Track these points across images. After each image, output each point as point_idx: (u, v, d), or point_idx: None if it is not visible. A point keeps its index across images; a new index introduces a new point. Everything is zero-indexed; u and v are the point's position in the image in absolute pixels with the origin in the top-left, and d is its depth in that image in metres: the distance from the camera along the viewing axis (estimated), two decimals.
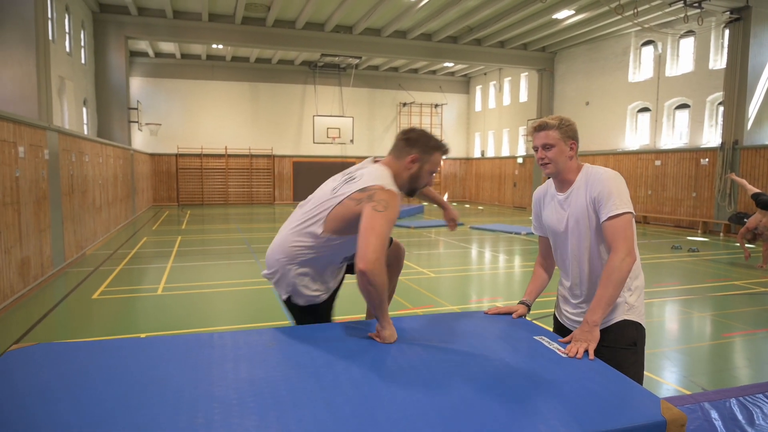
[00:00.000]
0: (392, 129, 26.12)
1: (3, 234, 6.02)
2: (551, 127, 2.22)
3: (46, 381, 1.59)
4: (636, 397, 1.60)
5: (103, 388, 1.55)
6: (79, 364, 1.72)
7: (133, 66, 21.22)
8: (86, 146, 10.35)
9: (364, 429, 1.37)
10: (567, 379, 1.71)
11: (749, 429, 2.70)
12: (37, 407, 1.41)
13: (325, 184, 2.32)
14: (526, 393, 1.60)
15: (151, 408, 1.43)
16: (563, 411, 1.49)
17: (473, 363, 1.81)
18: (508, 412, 1.48)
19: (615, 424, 1.44)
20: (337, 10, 16.16)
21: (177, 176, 22.80)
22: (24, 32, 8.17)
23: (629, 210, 2.08)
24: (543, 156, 2.24)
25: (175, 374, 1.65)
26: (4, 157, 6.12)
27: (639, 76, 17.63)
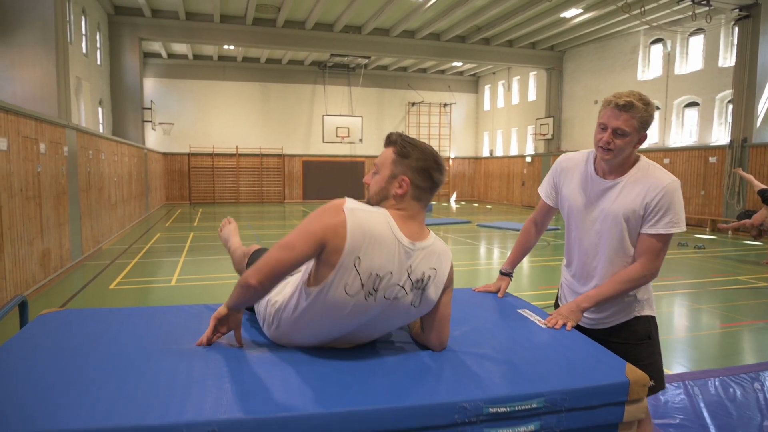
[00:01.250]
0: (401, 128, 26.27)
1: (26, 226, 6.29)
2: (637, 111, 1.89)
3: (75, 339, 1.78)
4: (603, 361, 1.76)
5: (126, 344, 1.74)
6: (104, 325, 1.92)
7: (146, 67, 21.59)
8: (102, 144, 10.64)
9: (361, 379, 1.56)
10: (541, 345, 1.88)
11: (729, 404, 2.85)
12: (66, 361, 1.60)
13: None
14: (502, 356, 1.77)
15: (169, 360, 1.62)
16: (534, 371, 1.66)
17: (456, 331, 1.97)
18: (484, 372, 1.65)
19: (581, 383, 1.60)
20: (346, 11, 16.37)
21: (189, 175, 23.16)
22: (44, 34, 8.45)
23: (684, 229, 2.00)
24: (610, 141, 1.92)
25: (189, 334, 1.83)
26: (27, 153, 6.39)
27: (648, 74, 17.64)
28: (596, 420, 1.63)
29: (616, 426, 1.67)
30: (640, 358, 2.03)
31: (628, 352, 2.03)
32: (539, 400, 1.55)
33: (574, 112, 20.82)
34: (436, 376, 1.64)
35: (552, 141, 21.33)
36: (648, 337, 2.13)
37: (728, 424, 2.57)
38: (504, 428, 1.53)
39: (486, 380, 1.60)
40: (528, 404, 1.54)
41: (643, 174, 1.99)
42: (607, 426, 1.66)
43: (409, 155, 1.67)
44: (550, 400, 1.56)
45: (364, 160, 25.67)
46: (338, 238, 1.57)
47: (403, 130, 26.10)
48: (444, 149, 26.88)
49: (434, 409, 1.46)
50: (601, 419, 1.63)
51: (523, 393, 1.55)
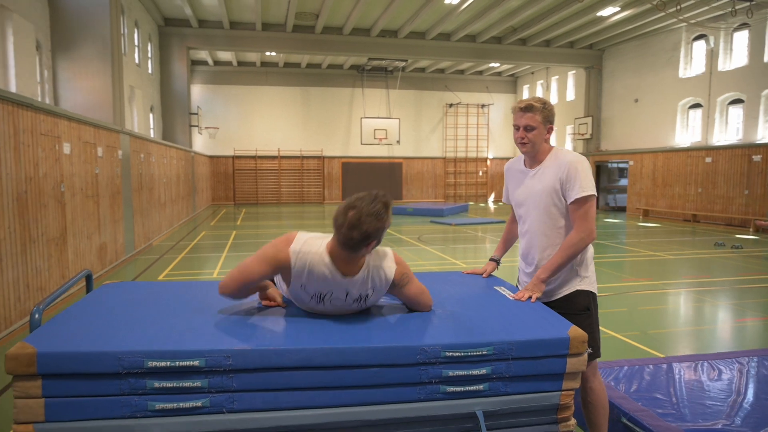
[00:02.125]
0: (438, 130, 26.53)
1: (85, 222, 7.00)
2: (536, 110, 2.39)
3: (130, 297, 2.25)
4: (551, 321, 2.08)
5: (168, 300, 2.19)
6: (153, 290, 2.39)
7: (194, 74, 22.71)
8: (153, 148, 11.45)
9: (343, 328, 1.94)
10: (501, 310, 2.22)
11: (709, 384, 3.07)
12: (123, 310, 2.06)
13: None
14: (464, 316, 2.14)
15: (199, 311, 2.05)
16: (488, 327, 2.01)
17: (440, 299, 2.33)
18: (446, 326, 2.02)
19: (527, 337, 1.94)
20: (382, 16, 16.81)
21: (233, 177, 24.17)
22: (101, 48, 9.26)
23: (593, 193, 2.33)
24: (524, 136, 2.41)
25: (213, 296, 2.25)
26: (87, 156, 7.10)
27: (690, 71, 17.25)
28: (541, 369, 1.96)
29: (561, 376, 1.99)
30: (580, 327, 2.30)
31: (570, 322, 2.30)
32: (489, 348, 1.89)
33: (613, 111, 20.54)
34: (405, 327, 2.01)
35: (591, 140, 21.10)
36: (587, 309, 2.44)
37: (701, 404, 2.80)
38: (460, 370, 1.89)
39: (446, 331, 1.96)
40: (479, 351, 1.88)
41: (554, 158, 2.43)
42: (553, 375, 1.99)
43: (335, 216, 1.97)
44: (498, 348, 1.90)
45: (402, 161, 26.06)
46: (286, 271, 2.03)
47: (440, 132, 26.40)
48: (482, 150, 26.94)
49: (399, 350, 1.83)
50: (545, 368, 1.96)
51: (475, 342, 1.89)
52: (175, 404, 1.70)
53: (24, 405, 1.63)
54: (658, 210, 17.83)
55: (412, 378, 1.86)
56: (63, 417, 1.65)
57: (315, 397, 1.81)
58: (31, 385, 1.63)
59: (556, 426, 2.04)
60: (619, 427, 2.66)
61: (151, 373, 1.68)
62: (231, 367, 1.73)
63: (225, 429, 1.74)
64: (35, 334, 1.77)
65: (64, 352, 1.65)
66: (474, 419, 1.93)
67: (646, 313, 5.71)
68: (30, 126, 5.43)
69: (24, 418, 1.63)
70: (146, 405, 1.69)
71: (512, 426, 2.00)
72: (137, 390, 1.68)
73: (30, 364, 1.61)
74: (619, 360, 3.46)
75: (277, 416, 1.78)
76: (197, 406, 1.72)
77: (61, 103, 9.27)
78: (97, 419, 1.67)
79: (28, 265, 5.27)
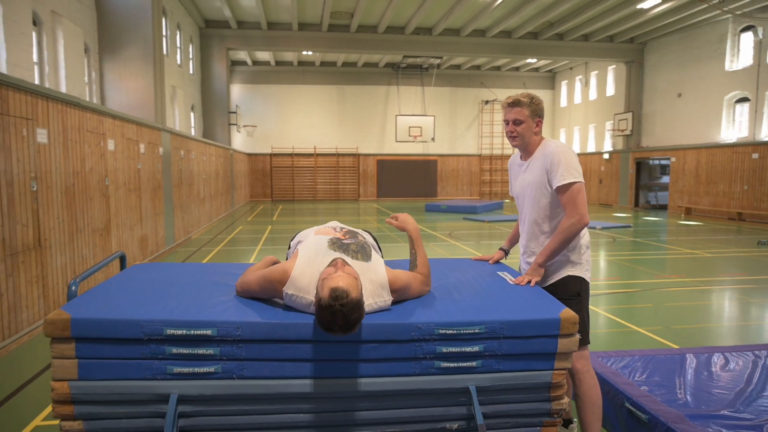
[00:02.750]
0: (474, 127, 26.39)
1: (128, 214, 7.41)
2: (524, 105, 2.51)
3: (157, 275, 2.47)
4: (544, 303, 2.17)
5: (191, 278, 2.39)
6: (179, 270, 2.61)
7: (233, 74, 23.36)
8: (192, 145, 11.92)
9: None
10: (498, 292, 2.32)
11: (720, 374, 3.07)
12: (151, 284, 2.27)
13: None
14: (461, 297, 2.26)
15: (217, 288, 2.23)
16: (482, 307, 2.12)
17: (443, 283, 2.45)
18: (441, 305, 2.14)
19: (518, 317, 2.04)
20: (416, 13, 16.88)
21: (271, 174, 24.74)
22: (144, 50, 9.72)
23: (577, 180, 2.39)
24: (513, 130, 2.54)
25: (231, 276, 2.44)
26: (130, 153, 7.51)
27: (737, 64, 16.59)
28: (533, 348, 2.06)
29: (553, 355, 2.08)
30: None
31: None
32: (481, 327, 2.00)
33: (655, 106, 19.95)
34: (403, 306, 2.14)
35: (631, 137, 20.57)
36: (578, 295, 2.52)
37: (707, 392, 2.81)
38: (453, 347, 2.01)
39: (440, 310, 2.08)
40: (471, 329, 2.00)
41: (542, 150, 2.54)
42: (545, 355, 2.08)
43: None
44: (490, 327, 2.01)
45: (437, 158, 26.05)
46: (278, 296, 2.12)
47: (476, 129, 26.24)
48: None
49: (395, 327, 1.97)
50: (537, 348, 2.06)
51: (468, 320, 2.01)
52: (190, 369, 1.89)
53: (60, 364, 1.85)
54: (701, 208, 17.24)
55: (408, 353, 1.99)
56: (93, 376, 1.86)
57: (317, 368, 1.97)
58: (66, 347, 1.85)
59: (548, 404, 2.13)
60: (623, 412, 2.71)
61: (170, 340, 1.88)
62: (240, 337, 1.90)
63: (235, 393, 1.92)
64: (71, 303, 1.99)
65: (94, 318, 1.86)
66: (468, 394, 2.05)
67: (673, 309, 5.63)
68: (77, 123, 5.82)
69: (60, 376, 1.85)
70: (165, 368, 1.88)
71: (507, 402, 2.10)
72: (157, 355, 1.88)
73: (65, 329, 1.83)
74: (632, 350, 3.48)
75: (283, 384, 1.95)
76: (210, 371, 1.90)
77: (107, 103, 9.79)
78: (122, 380, 1.88)
79: (75, 252, 5.66)
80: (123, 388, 1.87)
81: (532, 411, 2.13)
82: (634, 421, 2.63)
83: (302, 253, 2.13)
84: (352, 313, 1.81)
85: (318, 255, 2.10)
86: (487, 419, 2.07)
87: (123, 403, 1.88)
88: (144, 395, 1.88)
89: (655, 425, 2.46)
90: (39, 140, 4.97)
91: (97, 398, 1.87)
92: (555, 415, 2.16)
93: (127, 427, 1.90)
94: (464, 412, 2.07)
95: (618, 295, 6.31)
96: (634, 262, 8.51)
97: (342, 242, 2.19)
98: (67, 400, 1.86)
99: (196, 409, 1.92)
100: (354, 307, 1.81)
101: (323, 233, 2.27)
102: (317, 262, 2.07)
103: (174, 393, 1.88)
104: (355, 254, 2.13)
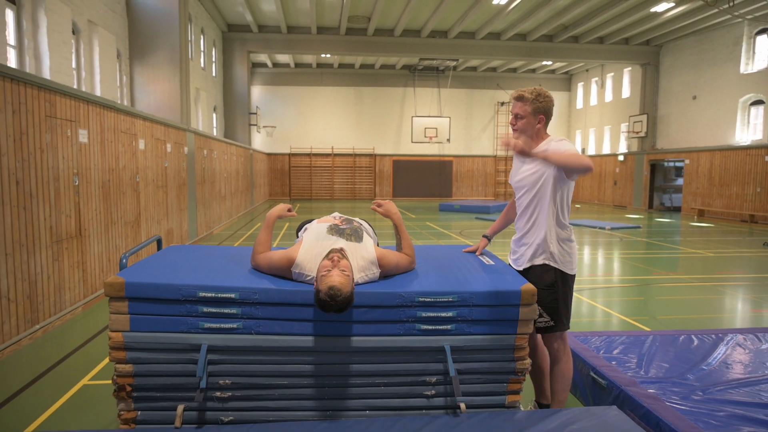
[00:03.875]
0: (489, 128, 26.66)
1: (156, 209, 7.97)
2: (526, 100, 2.61)
3: (190, 254, 2.94)
4: (509, 279, 2.59)
5: (218, 256, 2.86)
6: (208, 250, 3.07)
7: (254, 76, 24.03)
8: (214, 145, 12.50)
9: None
10: (472, 269, 2.74)
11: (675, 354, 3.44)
12: (185, 260, 2.74)
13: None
14: (439, 272, 2.69)
15: (239, 264, 2.70)
16: (456, 280, 2.55)
17: (432, 262, 2.88)
18: (421, 279, 2.56)
19: (486, 288, 2.46)
20: (432, 17, 17.28)
21: (289, 173, 25.37)
22: (171, 55, 10.32)
23: (574, 149, 2.54)
24: (514, 123, 2.70)
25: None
26: (158, 152, 8.08)
27: (752, 66, 16.64)
28: (499, 315, 2.48)
29: (516, 322, 2.50)
30: (544, 300, 2.68)
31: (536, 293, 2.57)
32: (454, 296, 2.43)
33: (670, 109, 20.03)
34: (391, 279, 2.57)
35: (646, 139, 20.66)
36: (552, 286, 2.69)
37: (664, 366, 3.18)
38: (431, 312, 2.44)
39: (422, 282, 2.52)
40: (446, 298, 2.43)
41: (548, 145, 2.67)
42: (509, 321, 2.50)
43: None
44: (461, 296, 2.43)
45: (452, 159, 26.40)
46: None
47: (491, 130, 26.52)
48: None
49: (382, 295, 2.41)
50: (502, 315, 2.48)
51: (444, 290, 2.44)
52: (217, 325, 2.36)
53: (116, 319, 2.33)
54: (714, 210, 17.31)
55: (393, 317, 2.43)
56: (141, 328, 2.34)
57: (318, 327, 2.42)
58: (121, 305, 2.33)
59: (513, 363, 2.55)
60: (589, 381, 3.11)
61: (202, 301, 2.34)
62: (258, 300, 2.36)
63: (252, 345, 2.38)
64: (123, 272, 2.47)
65: (143, 282, 2.34)
66: (443, 353, 2.47)
67: (663, 302, 5.96)
68: (113, 125, 6.37)
69: (116, 328, 2.33)
70: (198, 324, 2.35)
71: (477, 361, 2.53)
72: (192, 313, 2.35)
73: (121, 290, 2.31)
74: (607, 331, 3.86)
75: (291, 339, 2.40)
76: (233, 327, 2.37)
77: (136, 105, 10.41)
78: (164, 332, 2.35)
79: (109, 242, 6.22)
80: (164, 339, 2.35)
81: (499, 369, 2.55)
82: (597, 387, 3.02)
83: (306, 240, 2.57)
84: (344, 304, 2.22)
85: (318, 239, 2.53)
86: (460, 375, 2.50)
87: (164, 351, 2.36)
88: (181, 345, 2.35)
89: (612, 389, 2.85)
90: (80, 140, 5.52)
91: (144, 346, 2.35)
92: (519, 374, 2.57)
93: (167, 371, 2.37)
94: (440, 368, 2.50)
95: (613, 289, 6.65)
96: (635, 260, 8.80)
97: (339, 227, 2.61)
98: (121, 347, 2.34)
99: (222, 357, 2.39)
100: (345, 300, 2.22)
101: (324, 221, 2.71)
102: (318, 245, 2.50)
103: (204, 343, 2.34)
104: (349, 237, 2.56)
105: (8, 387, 3.57)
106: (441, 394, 2.52)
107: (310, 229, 2.67)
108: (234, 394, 2.42)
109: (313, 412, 2.47)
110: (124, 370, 2.35)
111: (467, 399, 2.53)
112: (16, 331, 4.35)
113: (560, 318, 2.75)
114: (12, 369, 3.93)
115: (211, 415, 2.43)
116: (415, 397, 2.52)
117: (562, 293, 2.73)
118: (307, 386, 2.46)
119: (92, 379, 3.72)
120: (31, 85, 4.63)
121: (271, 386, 2.44)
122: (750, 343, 3.51)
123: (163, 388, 2.39)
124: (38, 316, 4.68)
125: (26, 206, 4.52)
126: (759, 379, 2.87)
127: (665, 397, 2.66)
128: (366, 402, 2.50)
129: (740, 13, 13.75)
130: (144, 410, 2.41)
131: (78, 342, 4.54)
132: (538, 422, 2.36)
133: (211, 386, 2.40)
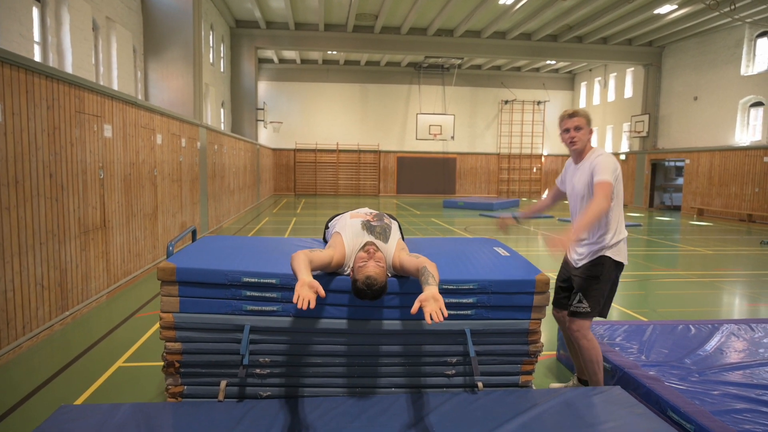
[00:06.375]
0: (493, 126, 26.86)
1: (171, 202, 8.20)
2: (581, 115, 3.04)
3: (223, 243, 3.17)
4: (525, 268, 2.82)
5: (251, 245, 3.09)
6: (240, 241, 3.30)
7: (261, 72, 24.22)
8: (224, 140, 12.72)
9: None
10: (496, 263, 2.96)
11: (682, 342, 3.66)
12: (220, 248, 2.97)
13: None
14: (461, 263, 2.90)
15: (270, 253, 2.92)
16: (476, 270, 2.78)
17: (452, 253, 3.11)
18: (445, 269, 2.77)
19: (503, 277, 2.69)
20: (438, 16, 17.47)
21: (295, 168, 25.59)
22: (185, 52, 10.54)
23: (606, 179, 2.83)
24: (574, 135, 3.01)
25: (283, 246, 3.13)
26: (173, 146, 8.30)
27: (753, 68, 16.84)
28: (515, 302, 2.71)
29: (530, 308, 2.73)
30: (588, 290, 2.96)
31: (581, 284, 2.99)
32: (474, 284, 2.66)
33: (671, 109, 20.23)
34: None
35: (647, 138, 20.87)
36: (597, 277, 2.96)
37: (661, 351, 3.42)
38: (452, 299, 2.67)
39: (444, 271, 2.74)
40: (467, 285, 2.66)
41: (591, 155, 3.03)
42: (524, 307, 2.73)
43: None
44: (481, 284, 2.67)
45: (456, 156, 26.61)
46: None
47: (495, 128, 26.72)
48: (536, 147, 27.05)
49: (409, 282, 2.63)
50: (517, 302, 2.71)
51: (464, 279, 2.67)
52: (259, 307, 2.59)
53: (167, 300, 2.56)
54: (713, 209, 17.54)
55: None
56: (190, 310, 2.57)
57: (350, 311, 2.65)
58: (172, 288, 2.56)
59: (527, 346, 2.78)
60: None
61: (245, 285, 2.57)
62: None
63: (291, 327, 2.62)
64: (171, 258, 2.70)
65: (192, 267, 2.57)
66: (464, 336, 2.71)
67: (662, 296, 6.20)
68: (134, 120, 6.60)
69: (167, 309, 2.56)
70: (241, 306, 2.59)
71: (494, 344, 2.76)
72: (236, 296, 2.58)
73: (172, 274, 2.54)
74: (611, 320, 4.09)
75: (325, 321, 2.64)
76: (273, 310, 2.60)
77: (150, 100, 10.62)
78: (211, 314, 2.58)
79: (130, 234, 6.45)
80: (211, 320, 2.58)
81: (514, 351, 2.78)
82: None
83: (346, 239, 2.74)
84: (379, 292, 2.46)
85: (356, 237, 2.74)
86: (478, 356, 2.73)
87: (210, 331, 2.59)
88: (225, 325, 2.59)
89: (615, 371, 3.09)
90: (105, 134, 5.74)
91: (192, 326, 2.58)
92: (532, 356, 2.81)
93: (213, 349, 2.61)
94: (460, 349, 2.73)
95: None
96: (635, 257, 9.03)
97: (370, 224, 2.82)
98: (171, 327, 2.57)
99: (263, 338, 2.62)
100: (381, 289, 2.46)
101: (357, 217, 2.93)
102: (356, 242, 2.72)
103: (247, 324, 2.58)
104: (378, 235, 2.77)
105: (49, 367, 3.81)
106: (460, 374, 2.76)
107: (346, 226, 2.83)
108: (272, 371, 2.66)
109: (344, 389, 2.71)
110: (173, 348, 2.59)
111: (484, 378, 2.77)
112: (49, 317, 4.59)
113: (599, 306, 2.99)
114: (49, 351, 4.17)
115: (250, 390, 2.67)
116: (436, 376, 2.75)
117: (605, 284, 2.97)
118: (338, 365, 2.70)
119: (126, 361, 3.96)
120: (63, 81, 4.85)
121: (306, 364, 2.68)
122: (743, 332, 3.74)
123: (208, 365, 2.63)
124: (68, 303, 4.92)
125: (58, 198, 4.76)
126: (751, 363, 3.11)
127: (665, 378, 2.90)
128: (392, 380, 2.74)
129: (741, 16, 13.94)
130: (190, 385, 2.65)
131: (106, 328, 4.78)
132: (549, 399, 2.59)
133: (251, 364, 2.63)
